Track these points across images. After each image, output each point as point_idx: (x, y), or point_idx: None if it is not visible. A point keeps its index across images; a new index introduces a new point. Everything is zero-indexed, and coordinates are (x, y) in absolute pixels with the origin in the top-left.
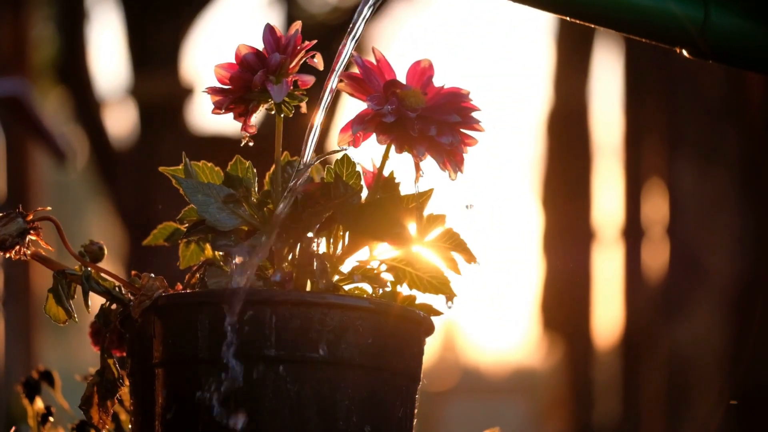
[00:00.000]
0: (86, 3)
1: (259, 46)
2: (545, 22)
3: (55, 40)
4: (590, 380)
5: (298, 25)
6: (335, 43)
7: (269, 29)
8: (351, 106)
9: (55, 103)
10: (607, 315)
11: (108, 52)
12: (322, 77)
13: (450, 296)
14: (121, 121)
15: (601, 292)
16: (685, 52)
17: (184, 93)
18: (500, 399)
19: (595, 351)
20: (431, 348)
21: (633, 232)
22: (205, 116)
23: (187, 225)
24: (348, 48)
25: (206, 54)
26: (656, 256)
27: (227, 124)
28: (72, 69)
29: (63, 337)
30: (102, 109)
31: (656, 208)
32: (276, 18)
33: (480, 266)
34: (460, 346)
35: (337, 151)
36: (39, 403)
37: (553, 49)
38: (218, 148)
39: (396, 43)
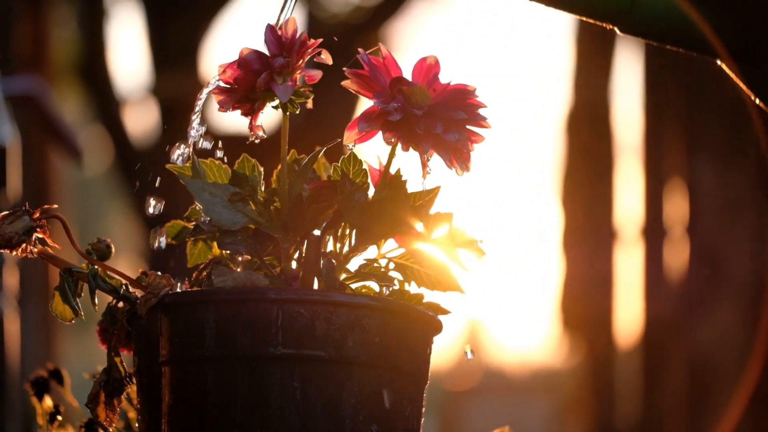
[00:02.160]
0: (106, 1)
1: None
2: (566, 22)
3: (76, 38)
4: (611, 380)
5: (294, 21)
6: (357, 41)
7: (270, 29)
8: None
9: (75, 101)
10: (628, 314)
11: (128, 51)
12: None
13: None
14: (141, 119)
15: (621, 291)
16: (616, 29)
17: None
18: (522, 398)
19: (616, 350)
20: (453, 347)
21: (654, 232)
22: (226, 114)
23: (194, 223)
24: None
25: (227, 52)
26: (677, 256)
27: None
28: (92, 67)
29: (84, 335)
30: (122, 107)
31: (677, 207)
32: (297, 16)
33: (492, 263)
34: (483, 345)
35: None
36: (48, 402)
37: (574, 48)
38: (239, 145)
39: (416, 42)
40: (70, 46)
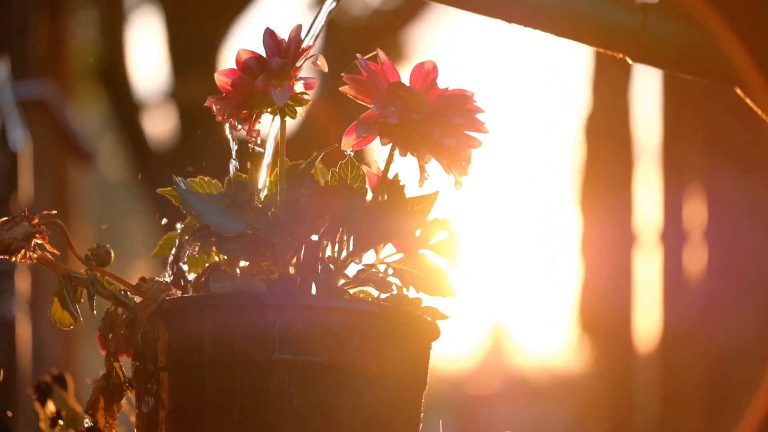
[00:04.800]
0: (125, 5)
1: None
2: None
3: (94, 42)
4: (630, 384)
5: (298, 27)
6: (376, 45)
7: (269, 33)
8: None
9: (93, 105)
10: (647, 319)
11: (147, 55)
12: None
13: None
14: (161, 124)
15: (640, 296)
16: (627, 58)
17: None
18: (541, 402)
19: (635, 355)
20: (477, 351)
21: (673, 236)
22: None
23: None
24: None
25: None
26: (696, 261)
27: (267, 127)
28: (111, 71)
29: None
30: (141, 111)
31: (696, 212)
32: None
33: (508, 268)
34: (506, 349)
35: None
36: (51, 407)
37: (593, 52)
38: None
39: (435, 45)
40: (88, 50)
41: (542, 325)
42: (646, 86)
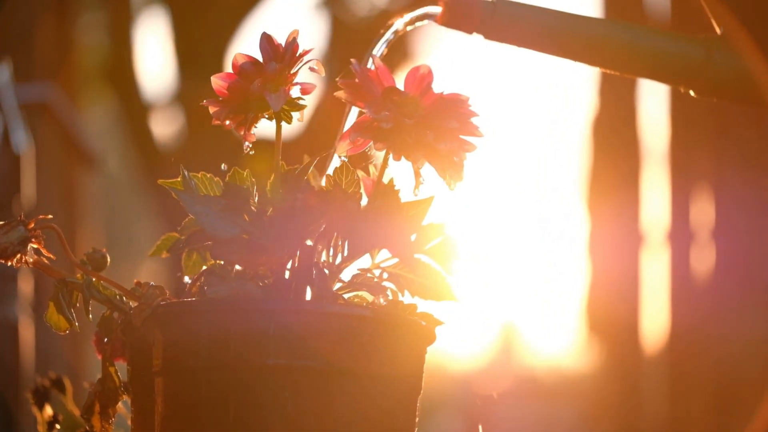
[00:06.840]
0: (132, 7)
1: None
2: None
3: (101, 44)
4: (638, 385)
5: (295, 33)
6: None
7: (266, 38)
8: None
9: (100, 107)
10: (655, 319)
11: (154, 56)
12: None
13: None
14: (167, 125)
15: (648, 296)
16: (692, 92)
17: None
18: (550, 402)
19: (643, 355)
20: (486, 351)
21: (680, 236)
22: None
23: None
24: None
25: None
26: (703, 261)
27: (273, 127)
28: (118, 73)
29: None
30: (148, 114)
31: (703, 212)
32: (322, 21)
33: (518, 268)
34: (515, 349)
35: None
36: (48, 410)
37: None
38: (265, 150)
39: (442, 46)
40: (95, 52)
41: (551, 325)
42: (654, 86)
